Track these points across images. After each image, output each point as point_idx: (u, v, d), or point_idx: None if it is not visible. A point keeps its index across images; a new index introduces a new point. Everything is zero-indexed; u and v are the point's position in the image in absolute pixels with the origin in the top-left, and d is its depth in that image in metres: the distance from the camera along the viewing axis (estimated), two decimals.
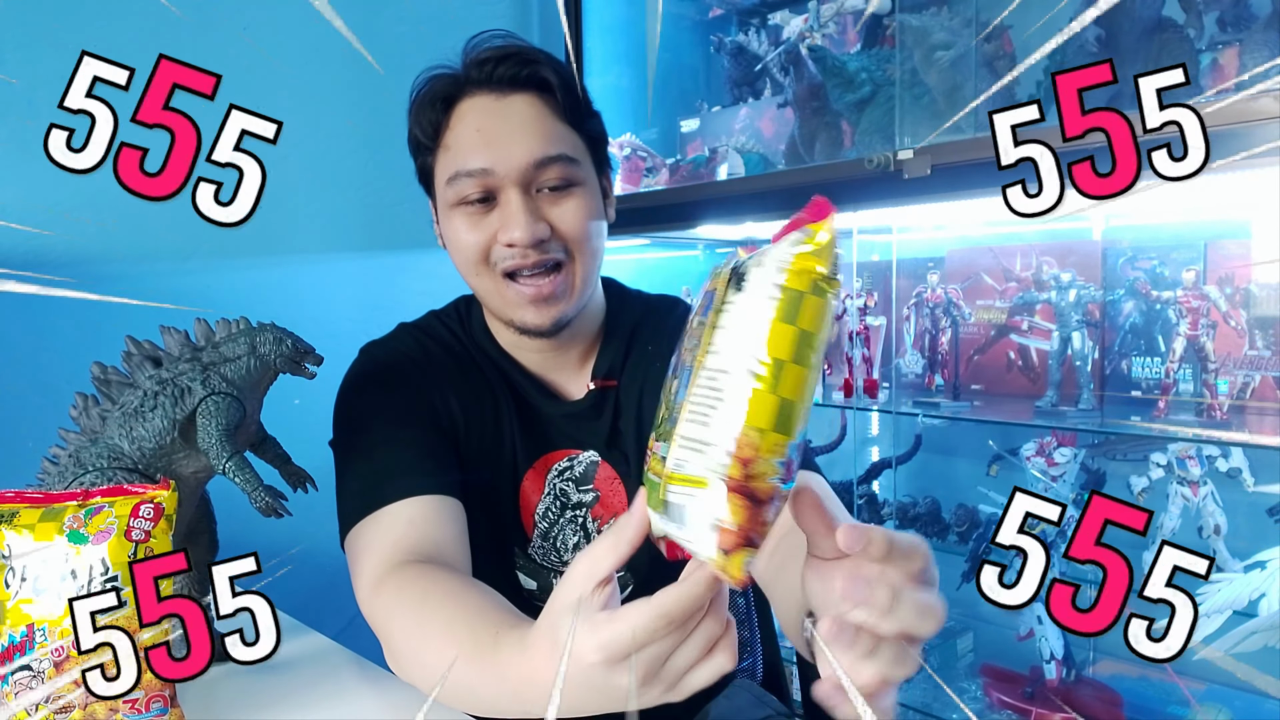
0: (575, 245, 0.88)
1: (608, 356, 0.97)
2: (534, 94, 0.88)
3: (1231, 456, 1.38)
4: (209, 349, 0.81)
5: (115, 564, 0.65)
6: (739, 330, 0.47)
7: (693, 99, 2.10)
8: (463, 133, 0.88)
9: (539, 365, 0.97)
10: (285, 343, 0.82)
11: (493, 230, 0.87)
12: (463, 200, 0.88)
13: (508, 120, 0.87)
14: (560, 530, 0.95)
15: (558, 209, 0.88)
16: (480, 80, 0.88)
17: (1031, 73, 1.39)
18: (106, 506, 0.67)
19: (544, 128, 0.87)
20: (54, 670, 0.64)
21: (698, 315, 0.52)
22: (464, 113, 0.88)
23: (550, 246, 0.87)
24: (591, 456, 0.96)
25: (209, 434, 0.76)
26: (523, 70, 0.87)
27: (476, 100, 0.88)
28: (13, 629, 0.65)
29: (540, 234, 0.86)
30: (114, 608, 0.64)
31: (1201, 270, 1.37)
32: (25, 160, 1.39)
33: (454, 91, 0.89)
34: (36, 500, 0.68)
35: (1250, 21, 1.22)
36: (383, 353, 0.96)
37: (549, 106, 0.88)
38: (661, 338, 0.98)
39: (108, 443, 0.78)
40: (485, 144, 0.86)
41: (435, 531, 0.82)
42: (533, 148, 0.86)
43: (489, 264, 0.88)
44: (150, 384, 0.78)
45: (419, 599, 0.72)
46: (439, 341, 0.97)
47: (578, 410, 0.96)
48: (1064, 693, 1.51)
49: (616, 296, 1.02)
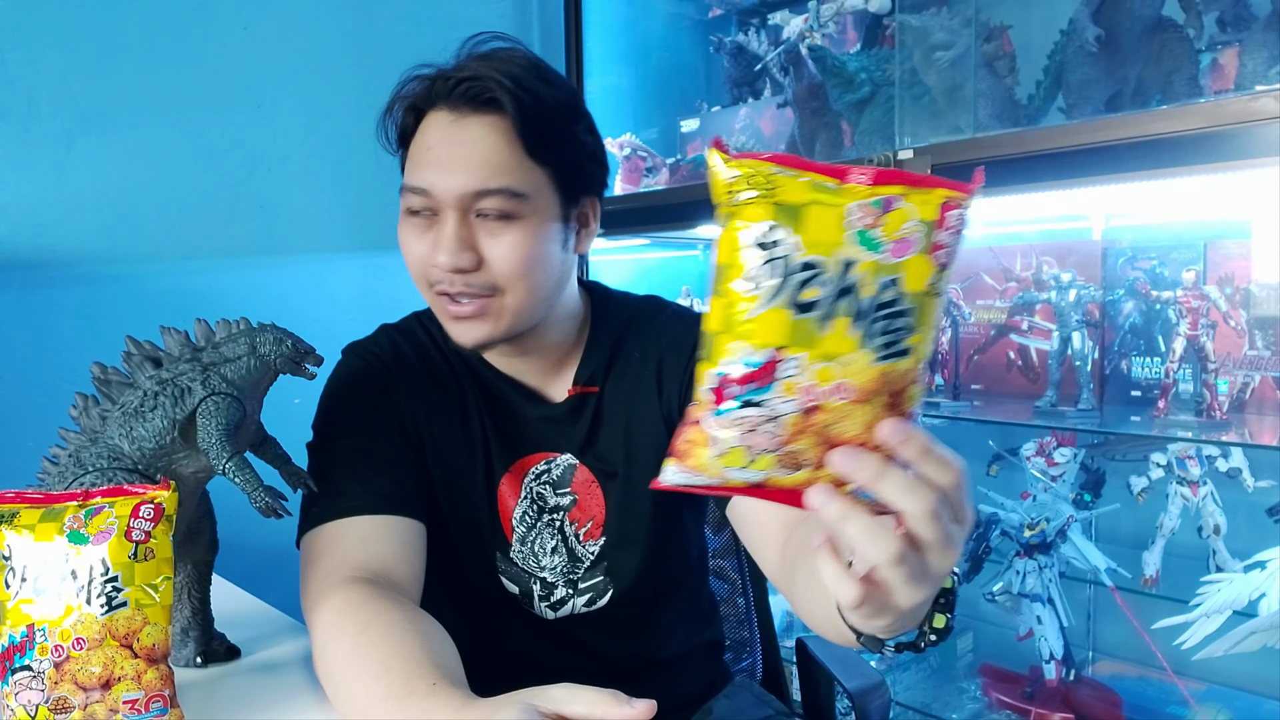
0: (505, 280, 0.86)
1: (590, 363, 0.96)
2: (495, 117, 0.85)
3: (1231, 456, 1.38)
4: (209, 349, 0.81)
5: (115, 564, 0.65)
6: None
7: (693, 99, 2.10)
8: (418, 147, 0.87)
9: (514, 369, 0.96)
10: (285, 343, 0.82)
11: (430, 246, 0.87)
12: (410, 210, 0.88)
13: (458, 145, 0.85)
14: (538, 534, 0.95)
15: (494, 240, 0.85)
16: (444, 95, 0.86)
17: (1031, 72, 1.39)
18: (107, 507, 0.67)
19: (493, 157, 0.84)
20: (54, 670, 0.64)
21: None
22: (427, 126, 0.88)
23: (474, 279, 0.85)
24: (569, 460, 0.95)
25: (209, 434, 0.76)
26: (482, 93, 0.84)
27: (439, 115, 0.87)
28: (13, 629, 0.65)
29: (463, 263, 0.84)
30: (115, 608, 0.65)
31: (1201, 270, 1.37)
32: (25, 160, 1.39)
33: (424, 102, 0.88)
34: (37, 500, 0.69)
35: (1250, 21, 1.22)
36: (358, 360, 0.96)
37: (506, 135, 0.85)
38: (648, 341, 0.97)
39: (108, 443, 0.78)
40: (432, 164, 0.85)
41: (385, 550, 0.83)
42: (471, 178, 0.84)
43: (426, 279, 0.88)
44: (150, 384, 0.78)
45: (359, 628, 0.74)
46: (415, 345, 0.98)
47: (555, 414, 0.96)
48: (1063, 693, 1.51)
49: (601, 302, 1.01)
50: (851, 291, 0.48)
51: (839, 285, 0.48)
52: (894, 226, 0.48)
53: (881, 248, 0.48)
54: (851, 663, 1.06)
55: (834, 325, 0.48)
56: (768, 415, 0.49)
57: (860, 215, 0.48)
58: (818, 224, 0.48)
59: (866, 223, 0.48)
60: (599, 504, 0.96)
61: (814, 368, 0.49)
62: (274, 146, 1.62)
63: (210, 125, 1.55)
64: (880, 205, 0.48)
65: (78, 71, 1.43)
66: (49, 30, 1.41)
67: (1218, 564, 1.37)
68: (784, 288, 0.48)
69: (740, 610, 1.22)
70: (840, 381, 0.49)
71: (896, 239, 0.49)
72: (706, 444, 0.50)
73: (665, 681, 0.99)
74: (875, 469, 0.50)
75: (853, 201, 0.48)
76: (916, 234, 0.49)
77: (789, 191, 0.48)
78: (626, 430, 0.95)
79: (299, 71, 1.64)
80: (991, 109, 1.36)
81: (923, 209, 0.49)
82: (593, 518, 0.96)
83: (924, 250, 0.49)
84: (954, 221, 0.50)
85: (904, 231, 0.49)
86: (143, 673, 0.66)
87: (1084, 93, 1.29)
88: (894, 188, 0.49)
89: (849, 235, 0.48)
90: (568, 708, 0.58)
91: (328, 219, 1.70)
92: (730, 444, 0.50)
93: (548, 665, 0.86)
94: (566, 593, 0.95)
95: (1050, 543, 1.51)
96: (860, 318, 0.49)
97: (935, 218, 0.49)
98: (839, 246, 0.48)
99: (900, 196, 0.49)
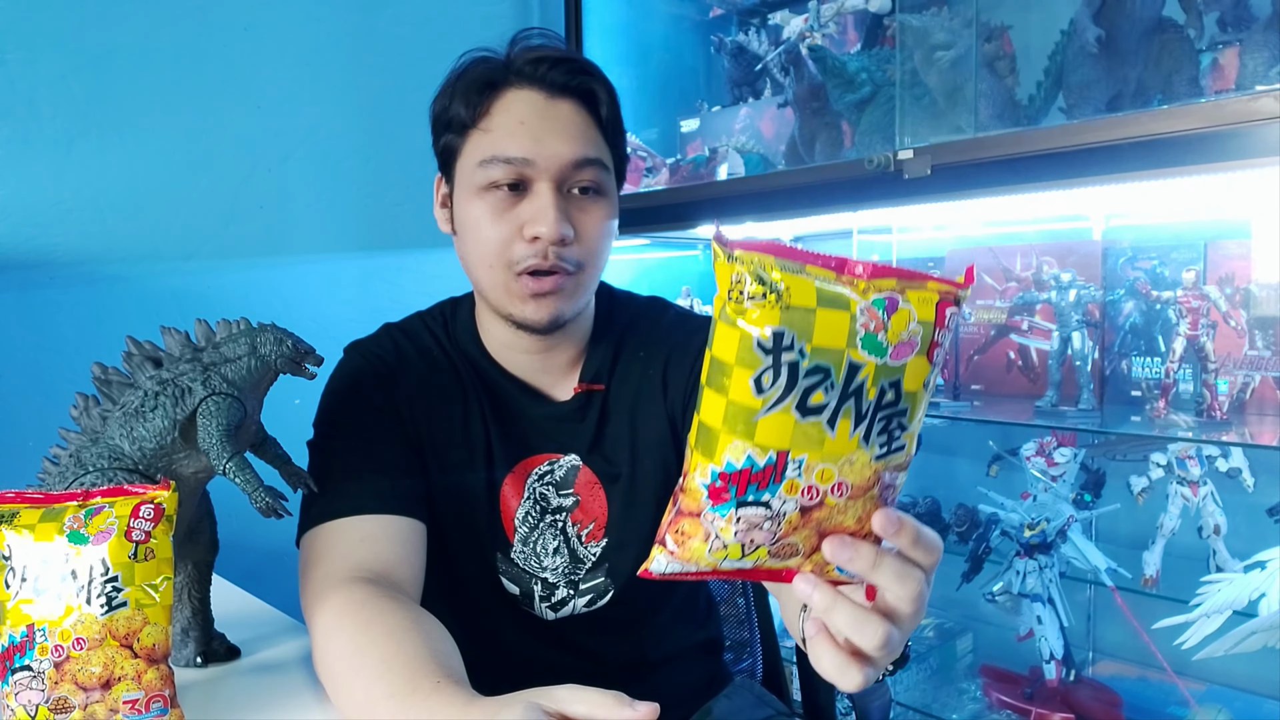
0: (589, 254, 0.90)
1: (596, 360, 0.97)
2: (580, 103, 0.90)
3: (1231, 456, 1.38)
4: (209, 349, 0.81)
5: (116, 564, 0.65)
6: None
7: (693, 99, 2.10)
8: (505, 121, 0.88)
9: (526, 368, 0.97)
10: (285, 343, 0.82)
11: (517, 223, 0.87)
12: (492, 184, 0.87)
13: (553, 120, 0.88)
14: (540, 535, 0.95)
15: (584, 214, 0.89)
16: (531, 76, 0.88)
17: (1031, 72, 1.39)
18: (107, 507, 0.67)
19: (585, 133, 0.89)
20: (54, 670, 0.64)
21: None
22: (509, 103, 0.88)
23: (567, 253, 0.88)
24: (572, 460, 0.96)
25: (209, 434, 0.76)
26: (574, 79, 0.89)
27: (524, 93, 0.88)
28: (13, 629, 0.65)
29: (566, 233, 0.86)
30: (115, 608, 0.65)
31: (1201, 270, 1.37)
32: (25, 160, 1.39)
33: (499, 79, 0.89)
34: (37, 500, 0.68)
35: (1250, 21, 1.22)
36: (361, 358, 0.96)
37: (592, 117, 0.90)
38: (652, 342, 0.98)
39: (108, 443, 0.78)
40: (528, 136, 0.87)
41: (385, 550, 0.84)
42: (575, 147, 0.87)
43: (505, 260, 0.88)
44: (151, 384, 0.78)
45: (360, 627, 0.74)
46: (417, 344, 0.98)
47: (562, 412, 0.96)
48: (1063, 693, 1.51)
49: (606, 299, 1.02)
50: (855, 394, 0.48)
51: (844, 389, 0.48)
52: (898, 329, 0.48)
53: (886, 351, 0.48)
54: None
55: (838, 428, 0.48)
56: (768, 515, 0.49)
57: (866, 319, 0.48)
58: (826, 330, 0.47)
59: (872, 326, 0.48)
60: (601, 505, 0.96)
61: (816, 468, 0.49)
62: (274, 146, 1.62)
63: (210, 125, 1.55)
64: (883, 306, 0.48)
65: (78, 72, 1.43)
66: (49, 30, 1.41)
67: (1218, 564, 1.37)
68: (791, 392, 0.47)
69: (740, 610, 1.22)
70: (840, 480, 0.50)
71: (899, 342, 0.49)
72: (703, 538, 0.51)
73: (661, 681, 0.99)
74: (870, 560, 0.53)
75: (859, 303, 0.48)
76: (917, 335, 0.49)
77: (799, 294, 0.47)
78: (631, 429, 0.96)
79: (299, 71, 1.64)
80: (992, 109, 1.36)
81: (921, 308, 0.49)
82: (595, 519, 0.96)
83: (923, 351, 0.49)
84: (952, 320, 0.50)
85: (907, 334, 0.49)
86: (143, 673, 0.66)
87: (1084, 93, 1.29)
88: (890, 281, 0.48)
89: (855, 340, 0.48)
90: (571, 708, 0.58)
91: (328, 219, 1.70)
92: (728, 540, 0.50)
93: (546, 665, 0.86)
94: (568, 593, 0.95)
95: (1050, 543, 1.51)
96: (862, 419, 0.49)
97: (934, 317, 0.49)
98: (846, 350, 0.48)
99: (899, 294, 0.48)
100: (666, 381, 0.96)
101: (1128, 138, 1.14)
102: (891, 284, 0.48)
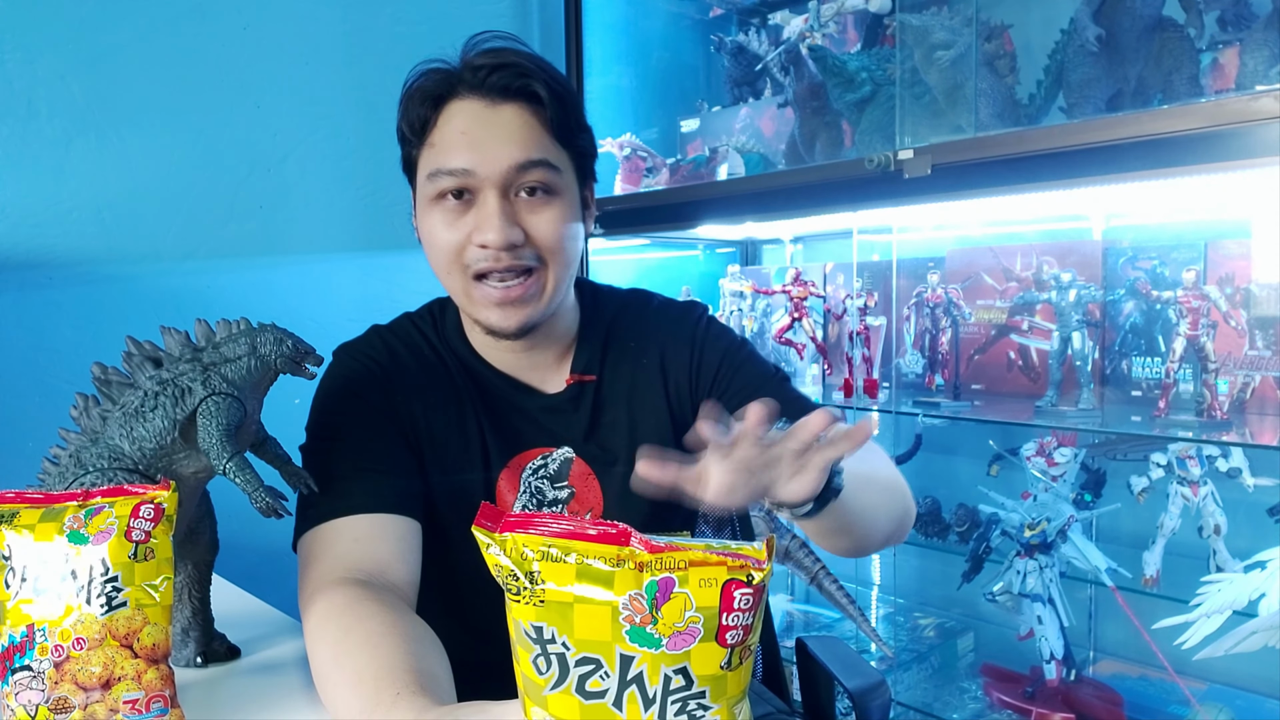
0: (548, 253, 0.90)
1: (585, 352, 0.99)
2: (524, 105, 0.89)
3: (1231, 456, 1.38)
4: (209, 349, 0.81)
5: (115, 564, 0.65)
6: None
7: (693, 99, 2.10)
8: (448, 133, 0.89)
9: (513, 365, 0.98)
10: (285, 343, 0.82)
11: (468, 230, 0.88)
12: (441, 194, 0.89)
13: (494, 127, 0.88)
14: None
15: (534, 216, 0.89)
16: (473, 84, 0.89)
17: (1032, 72, 1.39)
18: (107, 507, 0.67)
19: (529, 136, 0.89)
20: (54, 670, 0.64)
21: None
22: (452, 114, 0.89)
23: (523, 253, 0.88)
24: (566, 453, 0.97)
25: (209, 434, 0.76)
26: (515, 81, 0.88)
27: (466, 103, 0.89)
28: (13, 629, 0.65)
29: (513, 238, 0.87)
30: (115, 608, 0.65)
31: (1201, 270, 1.37)
32: (24, 160, 1.39)
33: (444, 91, 0.90)
34: (37, 500, 0.68)
35: (1250, 21, 1.22)
36: (350, 360, 0.97)
37: (537, 118, 0.90)
38: (641, 331, 1.00)
39: (108, 443, 0.78)
40: (469, 146, 0.87)
41: (380, 550, 0.84)
42: (514, 152, 0.87)
43: (461, 264, 0.89)
44: (151, 384, 0.78)
45: (341, 634, 0.74)
46: (408, 345, 0.98)
47: (555, 403, 0.97)
48: (1064, 693, 1.51)
49: (590, 294, 1.03)
50: (636, 681, 0.46)
51: (622, 677, 0.46)
52: (671, 619, 0.46)
53: (659, 644, 0.46)
54: (852, 662, 1.06)
55: (626, 710, 0.47)
56: None
57: (631, 611, 0.46)
58: (587, 624, 0.46)
59: (638, 620, 0.46)
60: (596, 496, 0.97)
61: None
62: (273, 146, 1.62)
63: (210, 125, 1.55)
64: (653, 593, 0.46)
65: (77, 72, 1.43)
66: (48, 30, 1.40)
67: (1218, 564, 1.37)
68: (565, 678, 0.47)
69: None
70: None
71: (674, 632, 0.46)
72: None
73: None
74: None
75: (622, 595, 0.45)
76: (697, 623, 0.46)
77: (556, 588, 0.46)
78: (630, 417, 0.97)
79: (299, 71, 1.64)
80: (992, 108, 1.36)
81: (701, 594, 0.46)
82: (590, 509, 0.97)
83: (709, 638, 0.46)
84: (744, 602, 0.46)
85: (683, 623, 0.46)
86: (143, 673, 0.66)
87: (1085, 92, 1.29)
88: (676, 558, 0.46)
89: (622, 633, 0.46)
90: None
91: (327, 219, 1.70)
92: None
93: None
94: None
95: (1051, 543, 1.51)
96: (651, 703, 0.47)
97: (717, 603, 0.46)
98: (613, 643, 0.46)
99: (675, 580, 0.46)
100: (665, 369, 0.97)
101: (1128, 137, 1.14)
102: (676, 562, 0.46)
